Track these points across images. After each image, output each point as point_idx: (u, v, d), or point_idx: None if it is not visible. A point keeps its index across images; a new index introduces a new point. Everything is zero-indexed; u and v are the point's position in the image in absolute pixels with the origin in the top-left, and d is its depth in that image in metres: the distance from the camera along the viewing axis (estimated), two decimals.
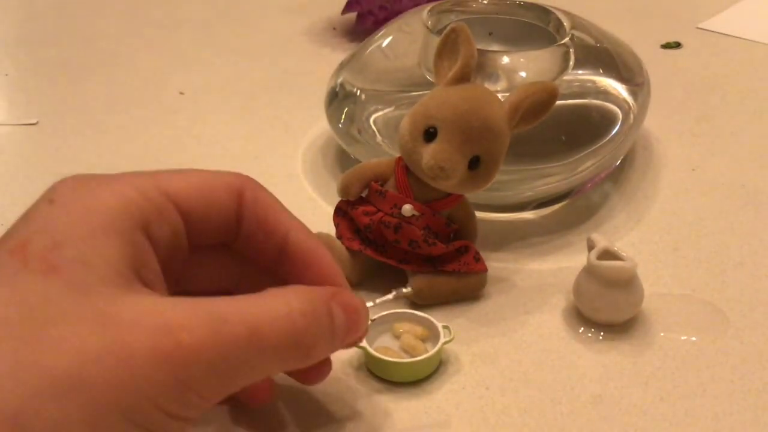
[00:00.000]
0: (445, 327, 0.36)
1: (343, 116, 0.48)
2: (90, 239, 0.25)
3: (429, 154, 0.36)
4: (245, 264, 0.31)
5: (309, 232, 0.31)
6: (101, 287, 0.24)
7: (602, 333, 0.38)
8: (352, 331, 0.29)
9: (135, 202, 0.27)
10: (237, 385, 0.26)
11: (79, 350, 0.23)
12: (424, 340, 0.36)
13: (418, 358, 0.35)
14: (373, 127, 0.47)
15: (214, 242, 0.30)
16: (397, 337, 0.37)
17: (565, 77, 0.47)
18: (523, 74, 0.46)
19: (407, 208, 0.38)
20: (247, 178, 0.30)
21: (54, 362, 0.23)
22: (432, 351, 0.35)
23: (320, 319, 0.27)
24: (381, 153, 0.45)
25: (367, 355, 0.35)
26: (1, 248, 0.25)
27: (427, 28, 0.47)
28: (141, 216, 0.27)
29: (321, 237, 0.39)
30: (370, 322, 0.36)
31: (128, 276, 0.25)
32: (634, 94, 0.49)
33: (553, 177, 0.44)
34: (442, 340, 0.35)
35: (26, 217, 0.26)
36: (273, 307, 0.26)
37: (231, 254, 0.31)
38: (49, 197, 0.26)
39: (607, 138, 0.46)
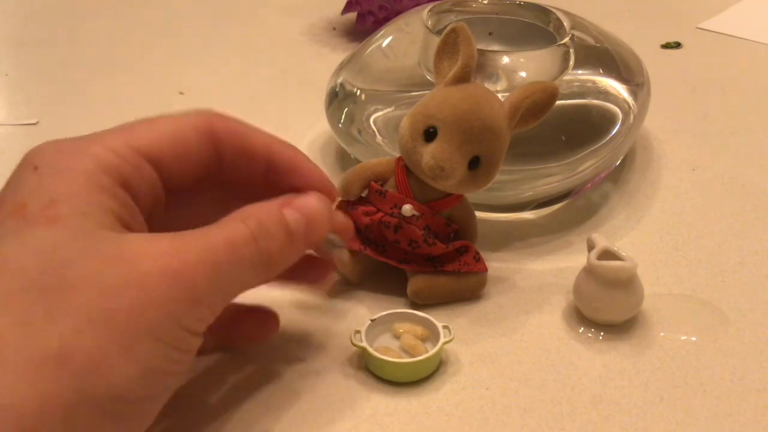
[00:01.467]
0: (445, 327, 0.36)
1: (343, 116, 0.48)
2: (81, 195, 0.27)
3: (429, 154, 0.36)
4: (220, 202, 0.33)
5: (286, 143, 0.33)
6: (101, 231, 0.27)
7: (602, 333, 0.38)
8: (312, 227, 0.31)
9: (111, 163, 0.28)
10: (230, 295, 0.29)
11: (101, 285, 0.25)
12: (424, 340, 0.36)
13: (418, 358, 0.35)
14: (373, 127, 0.47)
15: (193, 183, 0.31)
16: (397, 337, 0.37)
17: (565, 77, 0.47)
18: (523, 74, 0.46)
19: (407, 208, 0.38)
20: (213, 113, 0.32)
21: (82, 300, 0.25)
22: (432, 351, 0.35)
23: (271, 226, 0.30)
24: (381, 153, 0.45)
25: (367, 355, 0.35)
26: None
27: (427, 28, 0.47)
28: (119, 175, 0.28)
29: None
30: (371, 321, 0.36)
31: (117, 225, 0.28)
32: (634, 94, 0.49)
33: (553, 177, 0.44)
34: (442, 340, 0.35)
35: (13, 185, 0.28)
36: (233, 226, 0.29)
37: (208, 193, 0.33)
38: (32, 164, 0.28)
39: (607, 138, 0.46)
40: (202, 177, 0.31)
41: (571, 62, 0.47)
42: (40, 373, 0.24)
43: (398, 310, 0.37)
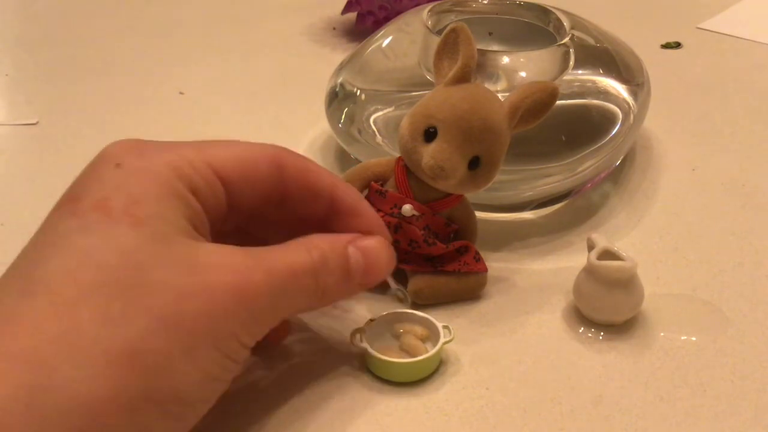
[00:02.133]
0: (445, 327, 0.36)
1: (343, 116, 0.48)
2: (160, 199, 0.28)
3: (429, 154, 0.36)
4: (276, 228, 0.34)
5: (348, 186, 0.34)
6: (179, 237, 0.28)
7: (602, 333, 0.38)
8: (371, 271, 0.33)
9: (185, 171, 0.29)
10: (280, 317, 0.30)
11: (174, 291, 0.26)
12: (424, 340, 0.36)
13: (418, 358, 0.35)
14: (373, 127, 0.47)
15: (255, 207, 0.32)
16: (397, 337, 0.37)
17: (565, 77, 0.47)
18: (523, 74, 0.46)
19: (407, 208, 0.38)
20: (284, 148, 0.33)
21: (156, 302, 0.26)
22: (432, 351, 0.35)
23: (332, 262, 0.31)
24: (381, 153, 0.45)
25: (367, 355, 0.35)
26: (79, 204, 0.28)
27: (427, 28, 0.47)
28: (190, 183, 0.29)
29: None
30: (371, 321, 0.36)
31: (192, 231, 0.29)
32: (634, 94, 0.49)
33: (553, 177, 0.44)
34: (442, 340, 0.35)
35: (96, 178, 0.29)
36: (298, 253, 0.30)
37: (265, 219, 0.33)
38: (114, 160, 0.29)
39: (607, 138, 0.46)
40: (264, 203, 0.32)
41: (571, 62, 0.47)
42: (113, 368, 0.25)
43: (398, 310, 0.37)
